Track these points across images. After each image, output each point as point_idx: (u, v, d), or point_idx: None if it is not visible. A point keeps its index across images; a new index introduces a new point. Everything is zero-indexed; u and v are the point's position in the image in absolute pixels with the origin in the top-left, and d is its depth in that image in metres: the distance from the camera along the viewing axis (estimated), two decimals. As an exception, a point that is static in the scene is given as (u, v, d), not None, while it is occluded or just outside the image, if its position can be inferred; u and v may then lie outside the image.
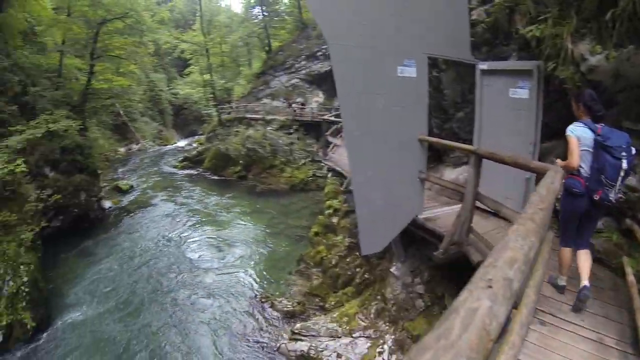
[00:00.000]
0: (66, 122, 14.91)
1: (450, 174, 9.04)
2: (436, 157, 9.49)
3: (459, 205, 5.91)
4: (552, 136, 6.48)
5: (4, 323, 9.31)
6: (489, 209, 5.77)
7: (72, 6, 18.02)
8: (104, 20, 18.71)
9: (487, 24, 7.27)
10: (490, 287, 0.87)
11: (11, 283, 10.10)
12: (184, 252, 14.86)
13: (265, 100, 31.46)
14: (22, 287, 10.19)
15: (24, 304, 9.92)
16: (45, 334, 9.93)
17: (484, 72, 7.12)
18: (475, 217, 5.69)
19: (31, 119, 14.11)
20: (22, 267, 10.63)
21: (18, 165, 11.71)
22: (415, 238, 7.54)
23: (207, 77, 33.84)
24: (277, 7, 39.26)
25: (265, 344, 9.11)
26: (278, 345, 8.81)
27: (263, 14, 38.28)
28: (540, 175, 3.32)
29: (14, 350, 9.23)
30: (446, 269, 6.97)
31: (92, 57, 19.00)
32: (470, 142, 7.42)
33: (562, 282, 4.43)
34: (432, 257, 5.95)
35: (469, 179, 5.39)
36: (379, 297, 8.37)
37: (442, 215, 7.07)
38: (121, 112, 33.36)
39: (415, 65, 6.29)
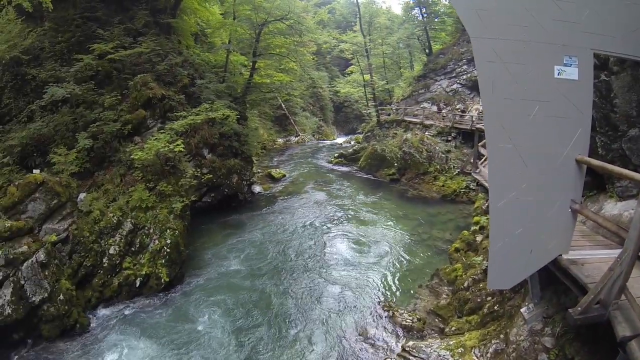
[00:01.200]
0: (224, 111, 16.85)
1: (613, 209, 7.10)
2: (597, 182, 7.60)
3: (618, 251, 4.57)
4: None
5: (144, 272, 11.18)
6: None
7: (237, 11, 20.53)
8: (265, 22, 20.68)
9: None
10: None
11: (156, 242, 11.99)
12: (323, 241, 15.40)
13: (424, 104, 30.57)
14: (165, 247, 11.97)
15: (163, 261, 11.67)
16: (176, 289, 11.63)
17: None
18: (634, 271, 4.40)
19: (196, 106, 16.41)
20: (168, 230, 12.43)
21: (178, 145, 13.59)
22: (557, 279, 6.25)
23: (367, 77, 34.41)
24: (436, 8, 37.70)
25: (372, 352, 9.03)
26: (384, 357, 8.65)
27: (422, 16, 37.17)
28: None
29: (146, 296, 11.06)
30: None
31: (255, 55, 21.18)
32: (644, 169, 5.95)
33: None
34: (566, 314, 4.74)
35: (634, 221, 4.14)
36: (502, 335, 7.40)
37: (593, 260, 5.58)
38: (282, 105, 36.32)
39: (577, 64, 5.14)
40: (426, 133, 26.17)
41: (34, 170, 11.17)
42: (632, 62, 6.09)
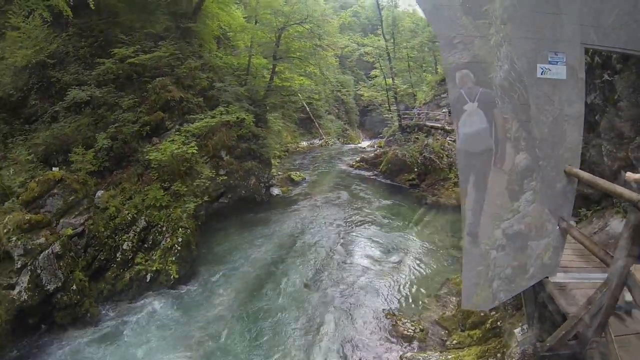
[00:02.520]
0: (238, 114, 17.22)
1: (618, 226, 6.19)
2: (605, 195, 6.79)
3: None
4: None
5: (154, 268, 11.59)
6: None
7: (258, 15, 21.04)
8: (284, 26, 21.03)
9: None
10: None
11: (168, 240, 12.39)
12: (336, 245, 15.45)
13: (446, 109, 30.14)
14: (176, 245, 12.35)
15: (173, 258, 12.04)
16: (185, 286, 11.97)
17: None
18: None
19: (213, 109, 16.80)
20: (180, 229, 12.81)
21: (191, 147, 14.03)
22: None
23: (389, 81, 34.13)
24: (458, 10, 36.86)
25: (370, 360, 8.98)
26: (382, 367, 8.51)
27: (444, 19, 36.40)
28: None
29: (156, 291, 11.41)
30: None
31: (275, 58, 21.54)
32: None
33: None
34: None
35: (619, 248, 3.61)
36: (499, 355, 7.19)
37: (586, 285, 4.80)
38: (307, 108, 36.52)
39: (565, 62, 4.56)
40: (447, 138, 25.63)
41: (54, 168, 11.82)
42: (637, 59, 5.37)
